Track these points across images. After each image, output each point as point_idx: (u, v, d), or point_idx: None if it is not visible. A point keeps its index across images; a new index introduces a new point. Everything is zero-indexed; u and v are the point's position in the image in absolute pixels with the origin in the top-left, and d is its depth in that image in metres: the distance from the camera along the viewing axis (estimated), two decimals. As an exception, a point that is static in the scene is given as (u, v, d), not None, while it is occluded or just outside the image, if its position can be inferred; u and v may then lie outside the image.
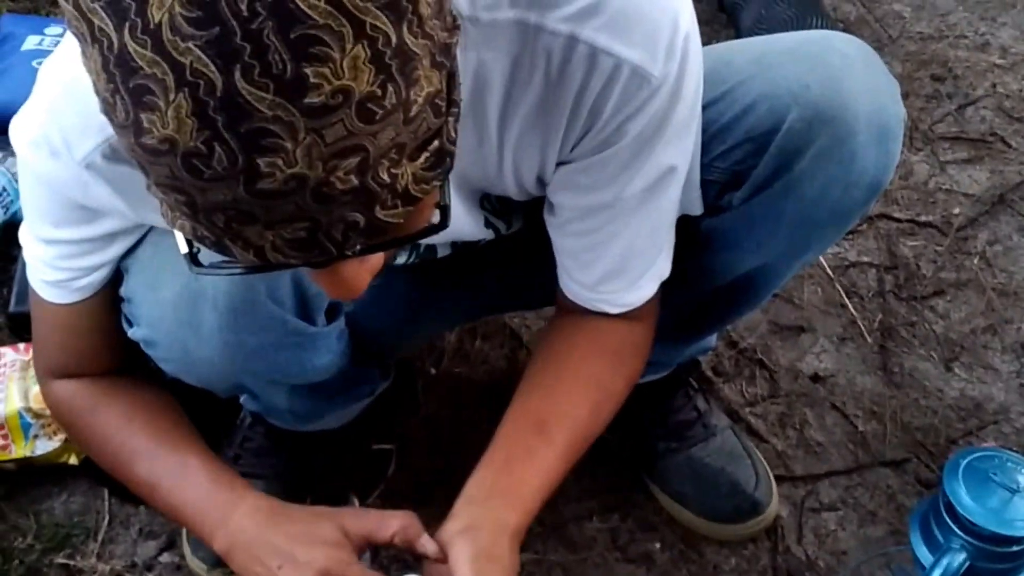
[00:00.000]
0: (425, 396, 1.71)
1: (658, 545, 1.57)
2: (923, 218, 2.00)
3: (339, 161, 0.69)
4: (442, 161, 0.77)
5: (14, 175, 1.82)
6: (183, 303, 1.11)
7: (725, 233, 1.22)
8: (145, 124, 0.68)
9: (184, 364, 1.18)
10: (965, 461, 1.21)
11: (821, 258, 1.90)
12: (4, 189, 1.81)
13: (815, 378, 1.76)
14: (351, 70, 0.67)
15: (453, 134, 0.79)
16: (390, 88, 0.69)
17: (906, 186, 2.04)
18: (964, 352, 1.81)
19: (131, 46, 0.66)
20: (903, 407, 1.73)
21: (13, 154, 1.10)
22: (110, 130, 0.95)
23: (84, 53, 0.71)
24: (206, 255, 0.81)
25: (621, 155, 1.04)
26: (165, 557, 1.54)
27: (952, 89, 2.23)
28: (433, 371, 1.74)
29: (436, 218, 0.84)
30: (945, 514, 1.20)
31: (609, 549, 1.57)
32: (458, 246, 1.28)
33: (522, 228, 1.28)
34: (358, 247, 0.76)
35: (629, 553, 1.56)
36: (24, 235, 1.15)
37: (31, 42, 2.00)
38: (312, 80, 0.66)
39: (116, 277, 1.17)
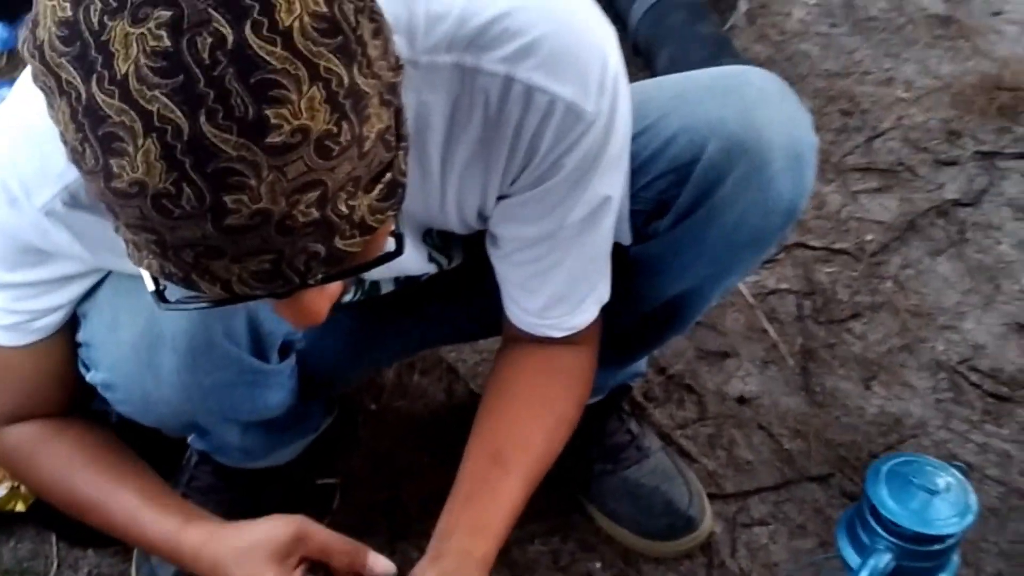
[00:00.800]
0: (366, 431, 1.76)
1: (598, 564, 1.63)
2: (837, 245, 2.09)
3: (300, 195, 0.74)
4: (394, 192, 0.82)
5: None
6: (142, 345, 1.15)
7: (652, 259, 1.29)
8: (115, 169, 0.72)
9: (142, 405, 1.21)
10: (886, 467, 1.28)
11: (742, 286, 1.98)
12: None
13: (741, 400, 1.83)
14: (308, 110, 0.72)
15: (404, 167, 0.84)
16: (344, 126, 0.74)
17: (820, 215, 2.13)
18: (882, 371, 1.89)
19: (99, 96, 0.70)
20: (826, 425, 1.80)
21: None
22: (69, 177, 1.00)
23: (51, 105, 0.75)
24: (172, 292, 0.86)
25: (560, 188, 1.10)
26: (115, 598, 1.57)
27: (860, 123, 2.33)
28: (373, 406, 1.79)
29: (392, 246, 0.89)
30: (870, 518, 1.26)
31: (551, 570, 1.62)
32: (401, 282, 1.33)
33: (463, 263, 1.33)
34: (320, 276, 0.81)
35: (571, 573, 1.62)
36: None
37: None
38: (273, 121, 0.71)
39: (72, 323, 1.20)
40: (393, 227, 0.88)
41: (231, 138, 0.70)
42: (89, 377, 1.21)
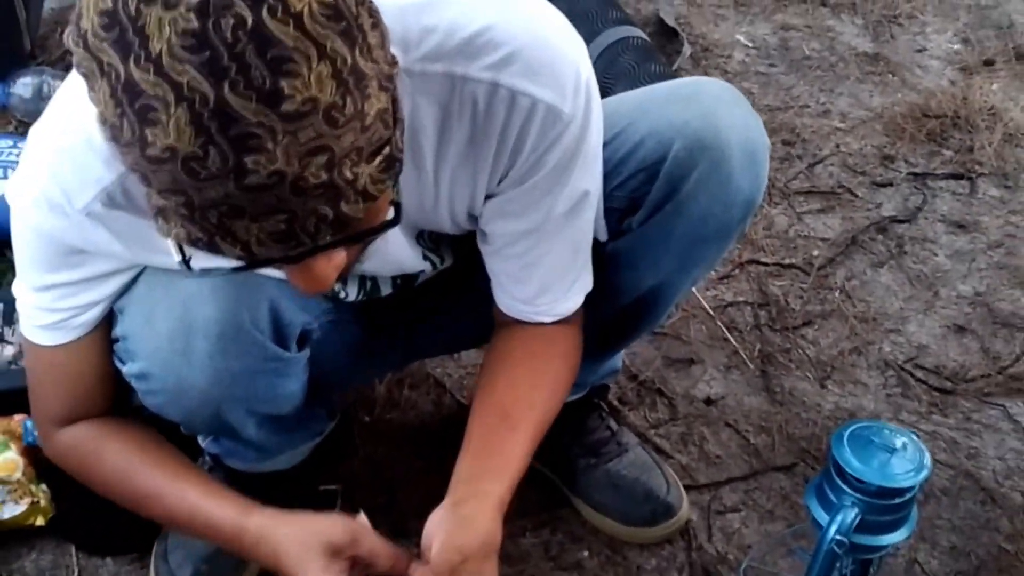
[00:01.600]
0: (362, 441, 1.87)
1: (586, 553, 1.74)
2: (787, 261, 2.25)
3: (311, 159, 0.86)
4: (392, 165, 0.94)
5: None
6: (177, 334, 1.26)
7: (626, 253, 1.42)
8: (149, 138, 0.84)
9: (175, 394, 1.31)
10: (848, 431, 1.40)
11: (702, 299, 2.13)
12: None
13: (708, 401, 1.97)
14: (317, 83, 0.84)
15: (400, 145, 0.96)
16: (348, 100, 0.86)
17: (770, 235, 2.29)
18: (835, 371, 2.04)
19: (136, 73, 0.83)
20: (787, 421, 1.94)
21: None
22: (106, 181, 1.13)
23: (92, 88, 0.87)
24: (196, 264, 0.98)
25: (544, 183, 1.24)
26: (135, 603, 1.66)
27: (801, 151, 2.51)
28: (367, 418, 1.90)
29: (391, 214, 1.01)
30: (836, 477, 1.39)
31: (543, 560, 1.73)
32: (399, 284, 1.46)
33: (454, 266, 1.46)
34: (328, 238, 0.92)
35: (561, 563, 1.73)
36: (18, 288, 1.29)
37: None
38: (287, 91, 0.83)
39: (108, 322, 1.31)
40: (392, 196, 1.00)
41: (251, 105, 0.82)
42: (125, 370, 1.32)
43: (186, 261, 1.00)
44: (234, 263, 0.95)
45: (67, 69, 2.40)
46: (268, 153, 0.84)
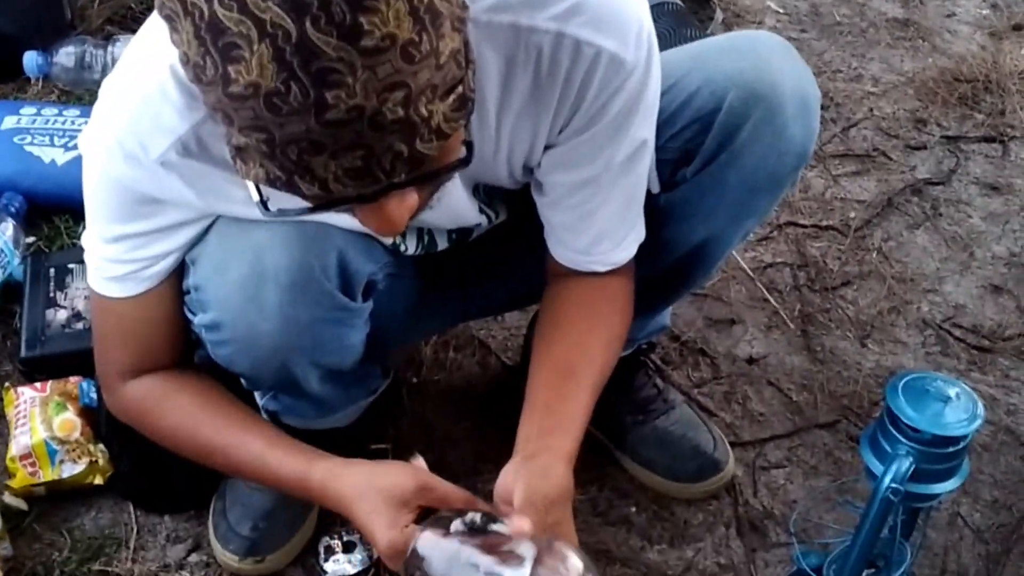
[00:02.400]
0: (410, 401, 1.89)
1: (634, 509, 1.77)
2: (825, 223, 2.27)
3: (388, 94, 0.88)
4: (464, 104, 0.97)
5: (8, 240, 1.97)
6: (249, 283, 1.28)
7: (680, 205, 1.44)
8: (232, 75, 0.86)
9: (245, 343, 1.33)
10: (902, 382, 1.42)
11: (742, 260, 2.15)
12: (1, 251, 1.96)
13: (750, 361, 2.00)
14: (395, 20, 0.86)
15: (472, 84, 0.98)
16: (424, 37, 0.89)
17: (807, 198, 2.31)
18: (875, 330, 2.06)
19: (220, 11, 0.85)
20: (828, 379, 1.97)
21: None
22: (181, 130, 1.16)
23: (175, 29, 0.89)
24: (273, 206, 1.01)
25: (605, 131, 1.26)
26: (194, 557, 1.68)
27: (835, 115, 2.53)
28: (415, 380, 1.93)
29: (463, 153, 1.03)
30: (890, 426, 1.41)
31: (592, 516, 1.75)
32: (454, 238, 1.48)
33: (507, 222, 1.49)
34: (403, 176, 0.94)
35: (609, 518, 1.76)
36: (89, 240, 1.31)
37: (9, 122, 2.17)
38: (366, 27, 0.85)
39: (179, 274, 1.33)
40: (464, 135, 1.02)
41: (332, 40, 0.84)
42: (197, 320, 1.34)
43: (263, 201, 1.02)
44: (308, 203, 0.97)
45: (107, 38, 2.45)
46: (348, 88, 0.86)
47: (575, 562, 1.19)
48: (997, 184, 2.39)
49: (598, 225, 1.36)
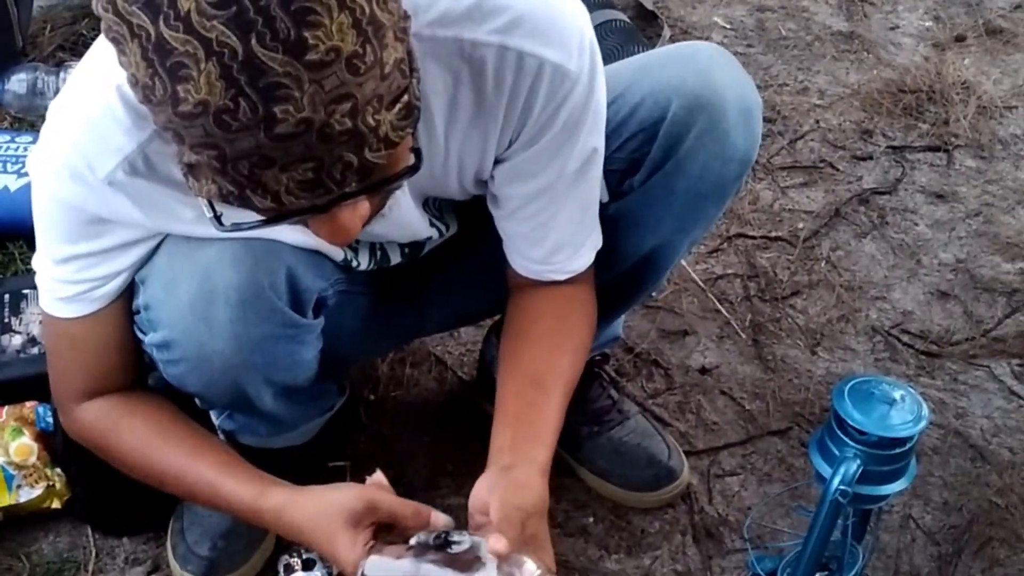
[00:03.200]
0: (368, 418, 1.90)
1: (591, 519, 1.79)
2: (774, 234, 2.30)
3: (336, 106, 0.90)
4: (411, 112, 0.99)
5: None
6: (199, 301, 1.29)
7: (628, 214, 1.47)
8: (181, 94, 0.88)
9: (197, 361, 1.34)
10: (848, 385, 1.45)
11: (693, 272, 2.18)
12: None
13: (703, 371, 2.02)
14: (339, 33, 0.88)
15: (417, 93, 1.00)
16: (368, 49, 0.90)
17: (755, 209, 2.35)
18: (824, 338, 2.09)
19: (167, 32, 0.86)
20: (780, 387, 2.00)
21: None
22: (127, 150, 1.18)
23: (123, 52, 0.90)
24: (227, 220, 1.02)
25: (554, 143, 1.29)
26: (153, 579, 1.69)
27: (782, 127, 2.57)
28: (372, 396, 1.94)
29: (412, 160, 1.04)
30: (837, 430, 1.43)
31: (550, 527, 1.74)
32: (407, 252, 1.49)
33: (459, 236, 1.51)
34: (354, 185, 0.96)
35: (567, 529, 1.77)
36: (39, 262, 1.32)
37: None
38: (310, 42, 0.87)
39: (128, 295, 1.34)
40: (412, 143, 1.03)
41: (278, 56, 0.86)
42: (148, 339, 1.34)
43: (217, 216, 1.03)
44: (262, 216, 0.98)
45: (59, 65, 2.46)
46: (296, 102, 0.88)
47: (530, 567, 1.20)
48: (942, 192, 2.43)
49: (555, 234, 1.38)
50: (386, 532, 1.28)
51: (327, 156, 0.92)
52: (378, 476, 1.33)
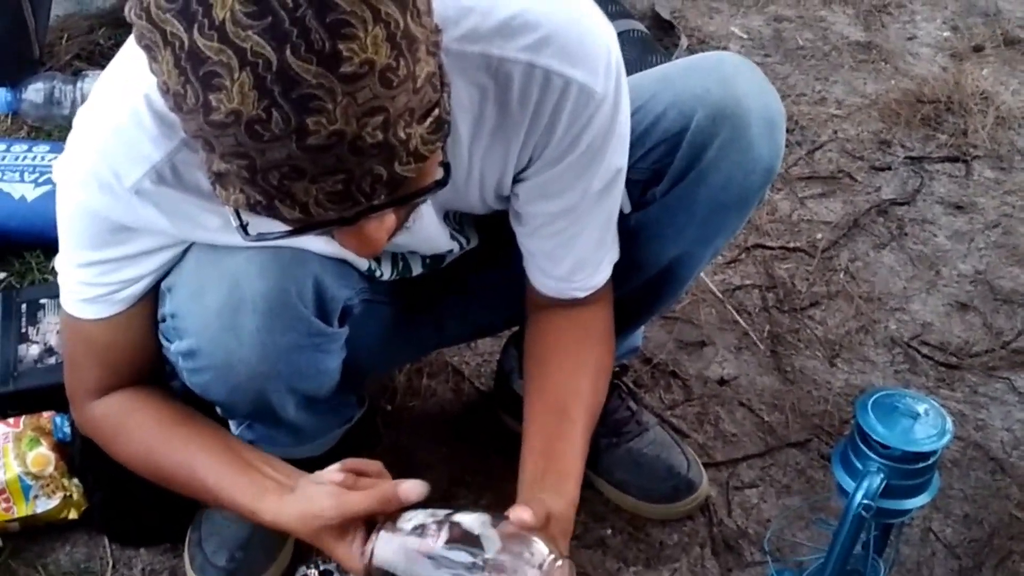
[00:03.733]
0: (385, 429, 1.90)
1: (609, 531, 1.78)
2: (792, 244, 2.29)
3: (368, 119, 0.90)
4: (441, 127, 0.98)
5: None
6: (226, 309, 1.28)
7: (650, 225, 1.46)
8: (213, 103, 0.88)
9: (223, 370, 1.33)
10: (872, 399, 1.44)
11: (711, 283, 2.17)
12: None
13: (721, 382, 2.01)
14: (373, 46, 0.87)
15: (448, 107, 1.00)
16: (402, 62, 0.90)
17: (774, 220, 2.34)
18: (843, 350, 2.08)
19: (200, 41, 0.86)
20: (799, 399, 1.99)
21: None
22: (155, 159, 1.17)
23: (155, 59, 0.90)
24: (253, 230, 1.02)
25: (579, 162, 1.28)
26: (171, 589, 1.68)
27: (800, 138, 2.56)
28: (389, 407, 1.94)
29: (440, 175, 1.04)
30: (861, 444, 1.42)
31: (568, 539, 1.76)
32: (428, 264, 1.49)
33: (481, 249, 1.50)
34: (382, 198, 0.96)
35: (585, 541, 1.76)
36: (61, 264, 1.31)
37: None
38: (345, 54, 0.86)
39: (152, 300, 1.33)
40: (441, 157, 1.03)
41: (312, 68, 0.86)
42: (173, 348, 1.34)
43: (243, 226, 1.03)
44: (288, 227, 0.98)
45: (76, 74, 2.46)
46: (328, 114, 0.87)
47: (540, 547, 1.17)
48: (961, 203, 2.42)
49: (577, 252, 1.38)
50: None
51: (357, 169, 0.92)
52: (333, 475, 1.28)
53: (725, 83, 1.37)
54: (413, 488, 1.23)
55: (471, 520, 1.19)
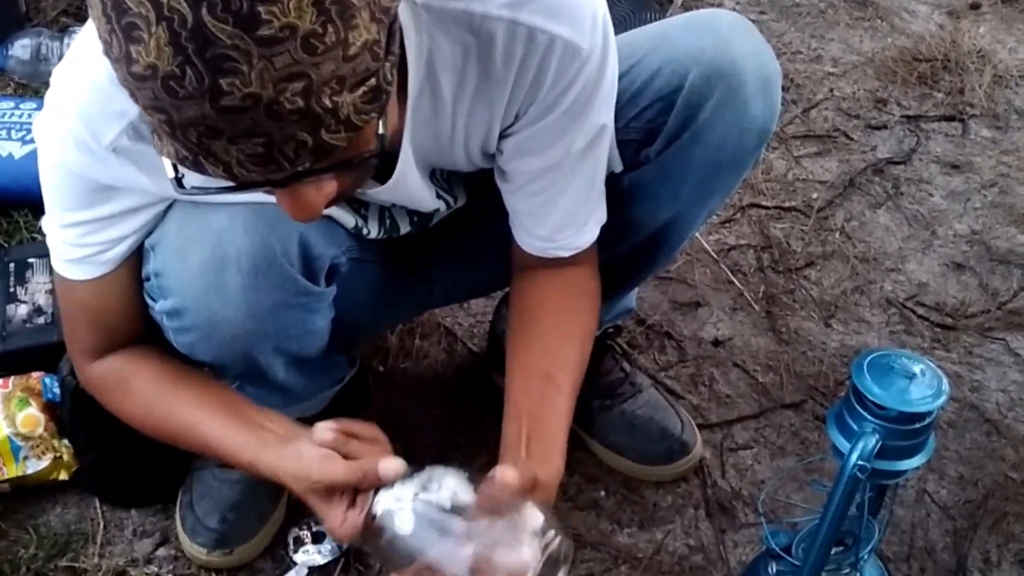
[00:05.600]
0: (377, 390, 1.88)
1: (603, 492, 1.77)
2: (787, 204, 2.27)
3: (286, 84, 0.88)
4: (378, 96, 0.96)
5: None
6: (210, 268, 1.27)
7: (644, 185, 1.44)
8: (133, 55, 0.87)
9: (207, 329, 1.32)
10: (868, 359, 1.43)
11: (705, 243, 2.15)
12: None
13: (715, 343, 2.00)
14: (296, 10, 0.85)
15: (390, 77, 0.97)
16: (330, 28, 0.88)
17: (769, 179, 2.32)
18: (839, 310, 2.07)
19: None
20: (794, 359, 1.97)
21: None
22: (131, 115, 1.16)
23: (91, 5, 0.89)
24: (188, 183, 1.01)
25: (564, 118, 1.26)
26: (162, 551, 1.67)
27: (796, 96, 2.53)
28: (381, 368, 1.92)
29: (375, 146, 1.00)
30: (856, 404, 1.41)
31: (560, 501, 1.75)
32: (415, 221, 1.47)
33: (469, 208, 1.48)
34: (308, 164, 0.94)
35: (579, 502, 1.76)
36: (47, 225, 1.30)
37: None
38: (264, 16, 0.85)
39: (137, 259, 1.32)
40: (378, 129, 1.00)
41: (227, 28, 0.84)
42: (158, 307, 1.33)
43: (178, 179, 1.02)
44: (222, 183, 0.97)
45: (63, 30, 2.43)
46: (243, 76, 0.86)
47: (534, 514, 1.16)
48: (957, 162, 2.41)
49: (561, 210, 1.36)
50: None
51: (277, 133, 0.90)
52: (324, 434, 1.26)
53: (720, 42, 1.35)
54: (391, 466, 1.22)
55: (456, 484, 1.19)
